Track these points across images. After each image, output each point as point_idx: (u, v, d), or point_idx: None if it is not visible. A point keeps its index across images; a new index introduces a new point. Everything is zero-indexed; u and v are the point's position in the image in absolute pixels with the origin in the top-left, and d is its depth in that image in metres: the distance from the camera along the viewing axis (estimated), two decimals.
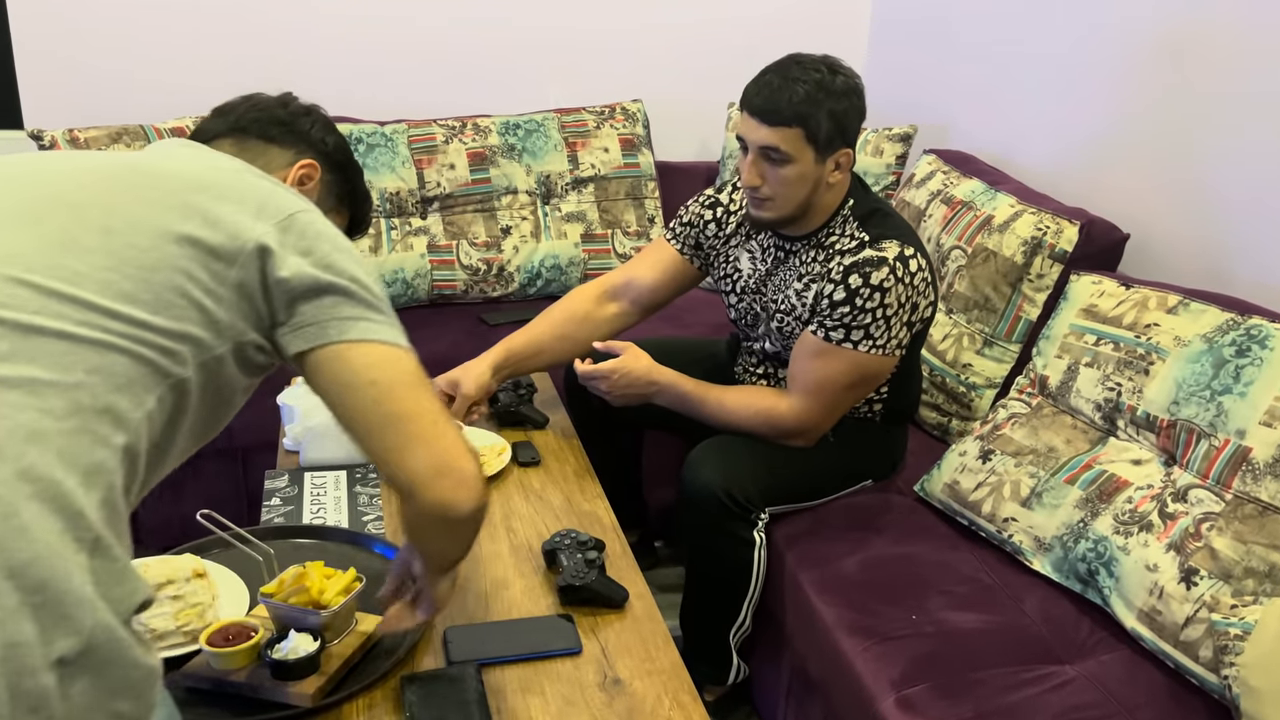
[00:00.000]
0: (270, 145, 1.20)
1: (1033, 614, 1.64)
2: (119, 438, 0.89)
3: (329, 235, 1.04)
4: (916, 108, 2.88)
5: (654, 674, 1.29)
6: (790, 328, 1.87)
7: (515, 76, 2.92)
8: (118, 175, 1.00)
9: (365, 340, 1.00)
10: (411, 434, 1.00)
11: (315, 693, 1.19)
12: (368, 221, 1.34)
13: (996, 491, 1.79)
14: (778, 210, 1.77)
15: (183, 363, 0.95)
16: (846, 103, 1.71)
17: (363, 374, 0.99)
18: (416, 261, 2.61)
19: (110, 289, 0.92)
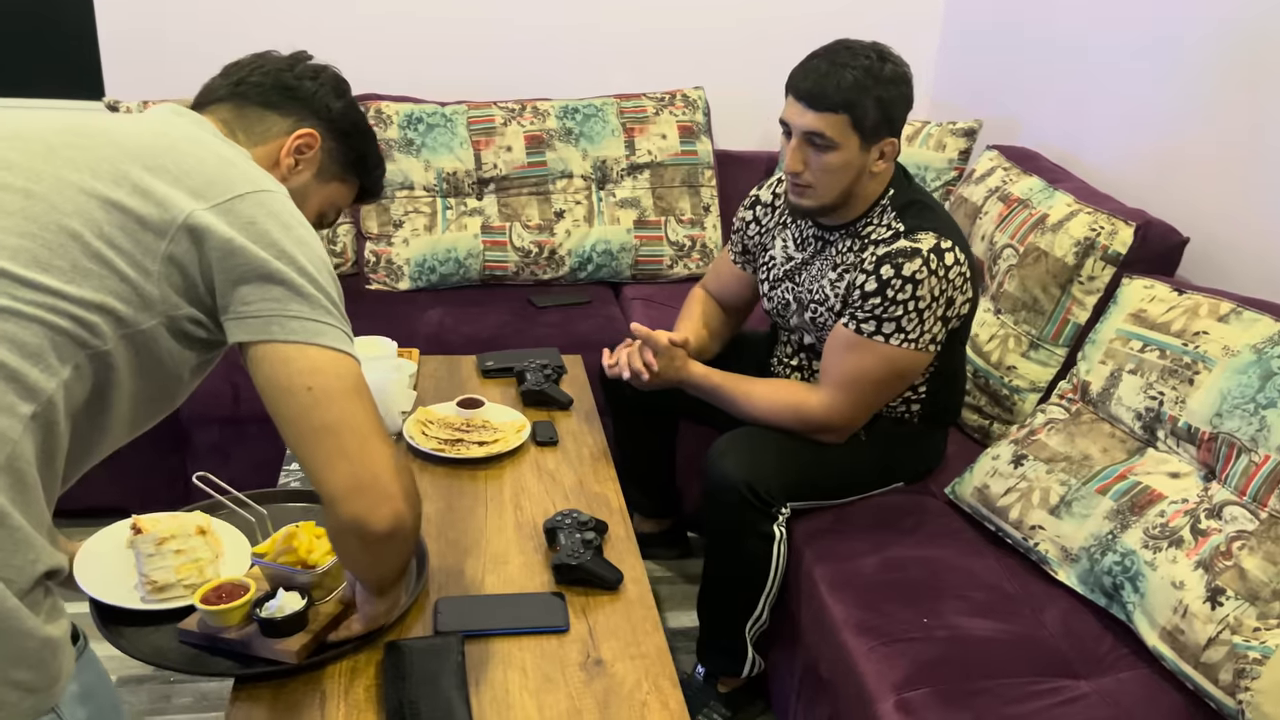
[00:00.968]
0: (269, 112, 1.15)
1: (1052, 626, 1.58)
2: (25, 406, 0.87)
3: (283, 220, 1.00)
4: (985, 102, 2.79)
5: (637, 657, 1.28)
6: (823, 318, 1.83)
7: (580, 61, 2.93)
8: (57, 138, 0.96)
9: (307, 343, 0.97)
10: (336, 448, 0.97)
11: (300, 650, 1.21)
12: (379, 189, 1.30)
13: (1025, 498, 1.73)
14: (818, 198, 1.74)
15: (101, 335, 0.92)
16: (895, 91, 1.67)
17: (299, 379, 0.96)
18: (470, 242, 2.64)
19: (23, 255, 0.89)
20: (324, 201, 1.23)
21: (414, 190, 2.64)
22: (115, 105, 2.47)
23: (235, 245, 0.96)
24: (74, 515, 1.93)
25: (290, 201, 1.04)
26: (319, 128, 1.18)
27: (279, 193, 1.03)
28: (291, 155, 1.16)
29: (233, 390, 2.26)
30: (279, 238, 0.98)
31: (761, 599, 1.79)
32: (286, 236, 0.99)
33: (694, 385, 1.86)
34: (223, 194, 0.97)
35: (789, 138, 1.72)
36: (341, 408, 0.98)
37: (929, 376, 1.85)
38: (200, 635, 1.24)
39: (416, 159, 2.63)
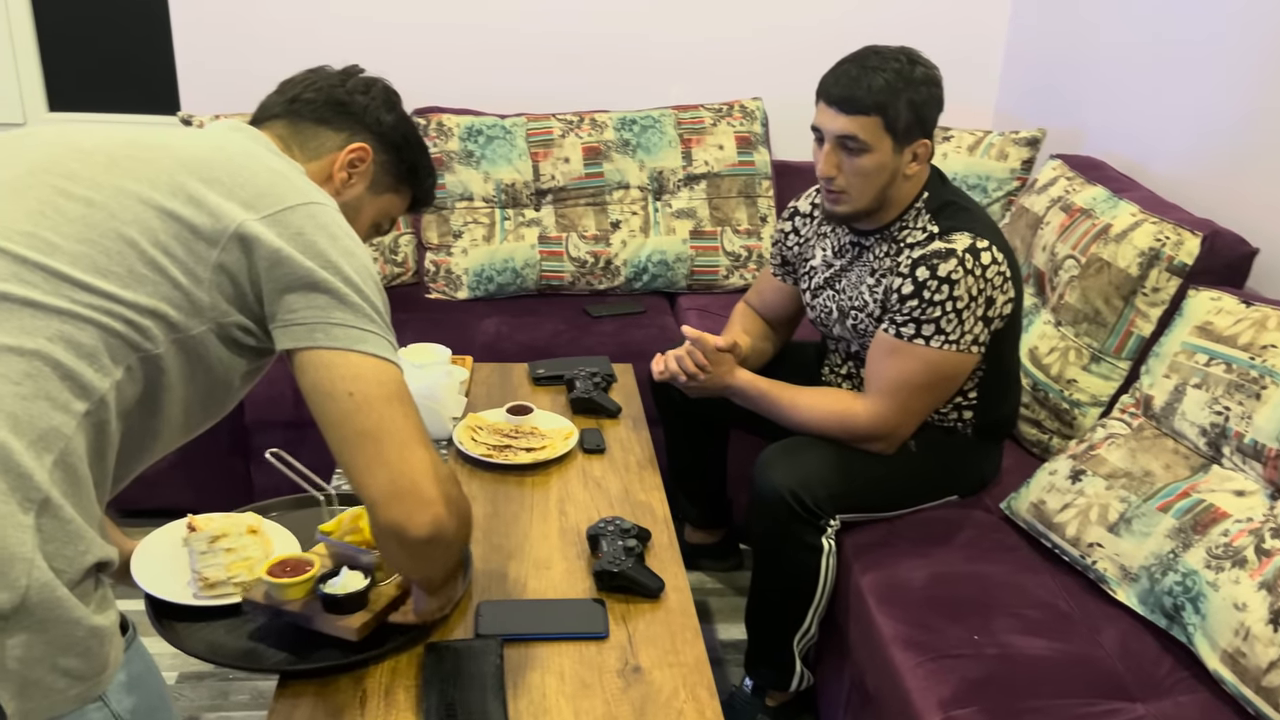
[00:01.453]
0: (322, 128, 1.19)
1: (1109, 646, 1.54)
2: (80, 404, 0.91)
3: (330, 231, 1.03)
4: (1049, 111, 2.74)
5: (676, 666, 1.28)
6: (864, 325, 1.81)
7: (639, 74, 2.95)
8: (117, 150, 1.01)
9: (350, 349, 1.00)
10: (376, 453, 0.99)
11: (361, 627, 1.24)
12: (430, 198, 1.33)
13: (1083, 514, 1.68)
14: (853, 203, 1.73)
15: (152, 338, 0.96)
16: (926, 92, 1.67)
17: (340, 384, 0.99)
18: (527, 252, 2.67)
19: (82, 260, 0.93)
20: (378, 212, 1.27)
21: (473, 201, 2.68)
22: (189, 120, 2.56)
23: (283, 255, 0.99)
24: (143, 515, 2.00)
25: (339, 214, 1.07)
26: (371, 141, 1.21)
27: (328, 205, 1.06)
28: (345, 169, 1.19)
29: (294, 395, 2.31)
30: (326, 248, 1.01)
31: (810, 612, 1.77)
32: (333, 247, 1.02)
33: (739, 392, 1.85)
34: (273, 205, 1.01)
35: (821, 144, 1.72)
36: (381, 414, 1.00)
37: (979, 383, 1.82)
38: (264, 606, 1.27)
39: (476, 170, 2.67)
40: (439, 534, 1.03)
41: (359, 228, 1.24)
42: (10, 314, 0.90)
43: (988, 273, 1.67)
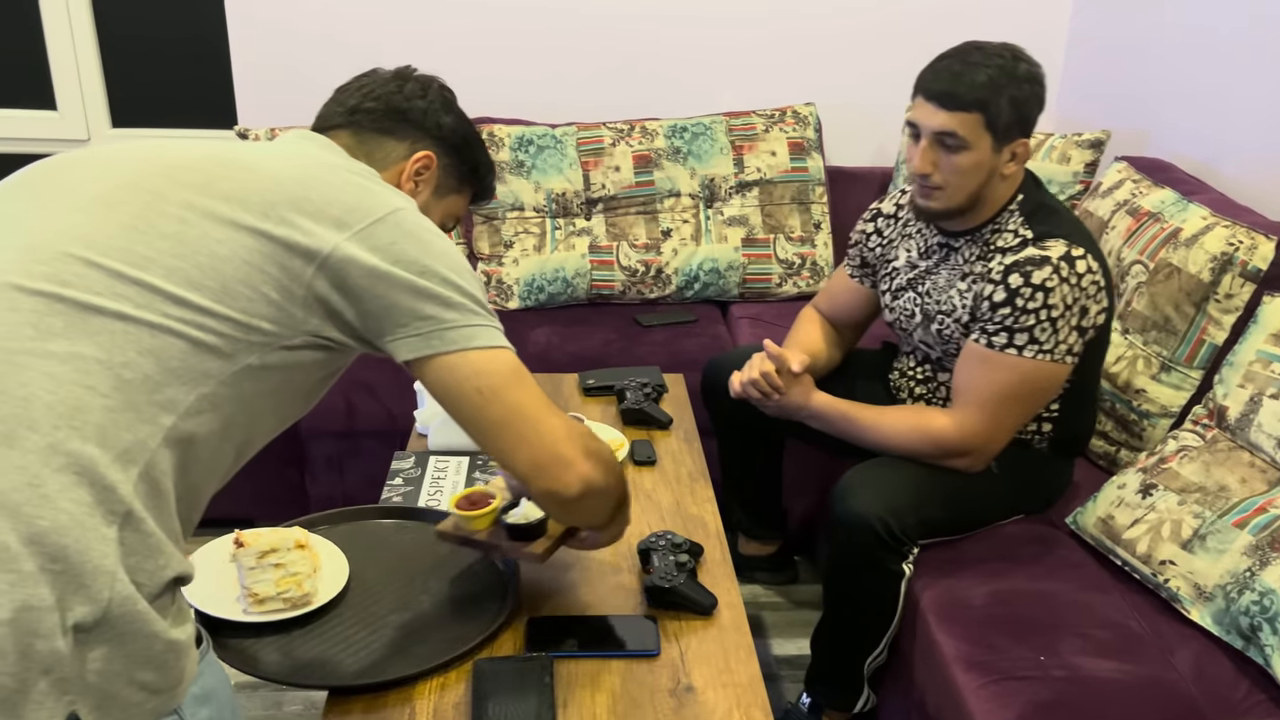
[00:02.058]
0: (385, 138, 1.19)
1: (1183, 669, 1.47)
2: (166, 418, 0.92)
3: (420, 237, 1.04)
4: (1113, 113, 2.66)
5: (729, 685, 1.24)
6: (950, 330, 1.76)
7: (690, 81, 2.93)
8: (206, 168, 1.01)
9: (466, 349, 1.04)
10: (515, 435, 1.06)
11: (543, 552, 1.33)
12: (491, 192, 1.33)
13: (1155, 531, 1.62)
14: (947, 200, 1.68)
15: (245, 352, 0.97)
16: (1029, 90, 1.62)
17: (467, 384, 1.04)
18: (577, 261, 2.66)
19: (176, 275, 0.94)
20: (443, 215, 1.27)
21: (524, 211, 2.67)
22: (245, 133, 2.59)
23: (380, 271, 1.01)
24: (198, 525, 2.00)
25: (421, 214, 1.08)
26: (433, 147, 1.22)
27: (410, 208, 1.07)
28: (411, 180, 1.20)
29: (347, 406, 2.32)
30: (419, 254, 1.03)
31: (885, 636, 1.72)
32: (426, 251, 1.04)
33: (819, 415, 1.80)
34: (362, 220, 1.02)
35: (917, 140, 1.67)
36: (508, 400, 1.05)
37: (1061, 397, 1.76)
38: (455, 536, 1.38)
39: (527, 180, 2.67)
40: (588, 488, 1.11)
41: None
42: (102, 327, 0.91)
43: (1083, 281, 1.61)
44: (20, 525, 0.83)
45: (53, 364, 0.88)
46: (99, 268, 0.93)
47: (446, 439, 1.75)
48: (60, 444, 0.86)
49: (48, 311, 0.90)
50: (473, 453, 1.77)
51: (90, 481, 0.86)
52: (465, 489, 1.46)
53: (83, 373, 0.89)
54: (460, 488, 1.67)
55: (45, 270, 0.92)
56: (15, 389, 0.86)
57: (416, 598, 1.37)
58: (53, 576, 0.83)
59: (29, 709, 0.83)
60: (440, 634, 1.30)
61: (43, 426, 0.86)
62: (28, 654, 0.82)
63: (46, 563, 0.83)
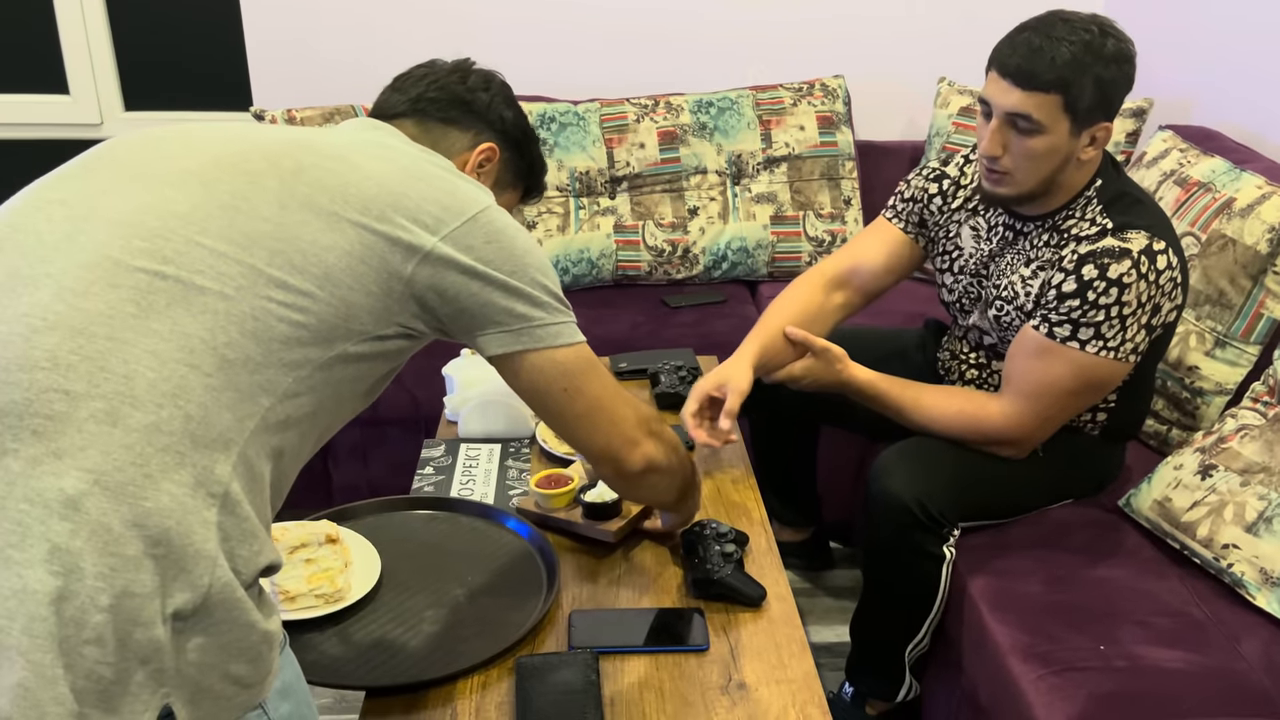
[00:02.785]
0: (450, 128, 1.19)
1: (1251, 658, 1.41)
2: (265, 399, 0.91)
3: (508, 234, 1.05)
4: (1154, 80, 2.57)
5: (783, 682, 1.19)
6: (1010, 318, 1.67)
7: (715, 54, 2.85)
8: (298, 155, 1.00)
9: (554, 347, 1.07)
10: (594, 426, 1.14)
11: (617, 530, 1.42)
12: (543, 189, 1.34)
13: (1216, 513, 1.55)
14: (1016, 186, 1.56)
15: (342, 337, 0.96)
16: (1116, 70, 1.48)
17: (555, 381, 1.09)
18: (602, 241, 2.59)
19: (279, 258, 0.93)
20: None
21: (547, 191, 2.60)
22: (261, 115, 2.53)
23: (475, 271, 1.02)
24: None
25: (503, 210, 1.08)
26: (496, 140, 1.21)
27: (493, 203, 1.07)
28: (474, 171, 1.20)
29: None
30: (508, 254, 1.05)
31: (926, 622, 1.66)
32: (514, 250, 1.05)
33: (857, 390, 1.72)
34: (455, 220, 1.02)
35: (989, 118, 1.54)
36: (589, 395, 1.11)
37: (1120, 386, 1.67)
38: (535, 514, 1.48)
39: (550, 159, 2.60)
40: (651, 465, 1.19)
41: None
42: (205, 306, 0.89)
43: (1161, 278, 1.51)
44: (124, 507, 0.81)
45: (156, 341, 0.86)
46: (201, 246, 0.91)
47: (478, 426, 1.70)
48: (164, 424, 0.84)
49: (149, 289, 0.88)
50: (504, 440, 1.71)
51: (190, 463, 0.85)
52: (547, 470, 1.54)
53: (186, 350, 0.87)
54: (493, 476, 1.62)
55: (146, 246, 0.90)
56: (118, 366, 0.84)
57: (452, 592, 1.32)
58: (155, 561, 0.81)
59: (125, 701, 0.80)
60: (479, 630, 1.25)
61: (146, 405, 0.84)
62: (126, 643, 0.80)
63: (150, 547, 0.81)
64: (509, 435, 1.71)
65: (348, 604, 1.27)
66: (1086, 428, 1.73)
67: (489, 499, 1.55)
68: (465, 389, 1.69)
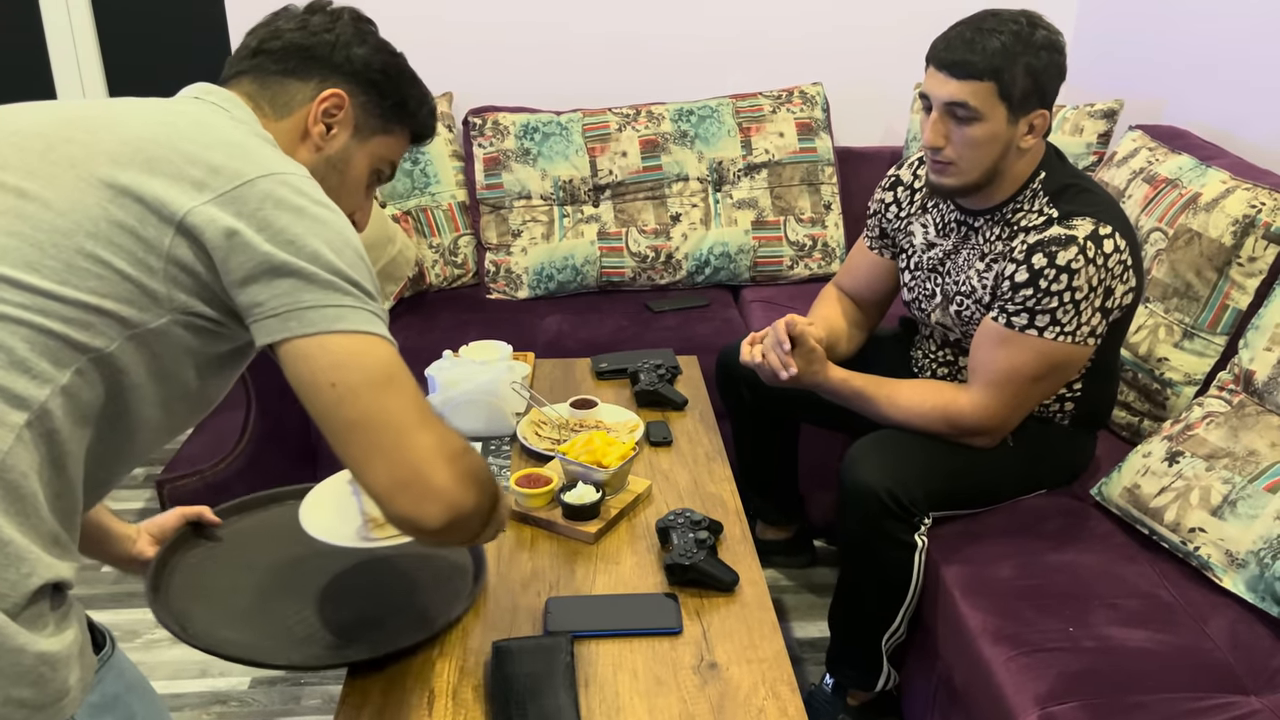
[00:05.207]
0: (289, 80, 1.05)
1: (1217, 637, 1.44)
2: (16, 415, 0.83)
3: (293, 204, 0.91)
4: (1126, 81, 2.62)
5: (754, 662, 1.22)
6: (970, 312, 1.71)
7: (694, 63, 2.90)
8: (56, 133, 0.90)
9: (326, 332, 0.89)
10: (371, 444, 0.89)
11: (596, 532, 1.44)
12: (430, 129, 1.17)
13: (1183, 498, 1.58)
14: (961, 176, 1.62)
15: (100, 336, 0.87)
16: (1046, 59, 1.55)
17: (322, 375, 0.89)
18: (586, 249, 2.63)
19: (10, 255, 0.84)
20: (372, 159, 1.12)
21: (531, 200, 2.65)
22: None
23: (238, 240, 0.88)
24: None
25: (307, 182, 0.94)
26: (344, 84, 1.07)
27: (292, 174, 0.93)
28: (319, 122, 1.06)
29: None
30: (287, 224, 0.90)
31: (900, 611, 1.69)
32: (296, 222, 0.90)
33: (832, 390, 1.75)
34: (226, 183, 0.89)
35: (929, 111, 1.60)
36: (369, 401, 0.89)
37: (1084, 373, 1.72)
38: (514, 512, 1.49)
39: (533, 168, 2.64)
40: (455, 518, 0.92)
41: (354, 180, 1.11)
42: None
43: (1109, 262, 1.56)
44: None
45: None
46: None
47: (459, 424, 1.72)
48: None
49: None
50: (485, 438, 1.75)
51: None
52: (526, 469, 1.55)
53: None
54: None
55: None
56: None
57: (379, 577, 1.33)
58: None
59: None
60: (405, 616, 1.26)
61: None
62: None
63: None
64: (490, 433, 1.74)
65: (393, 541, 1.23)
66: (1056, 417, 1.76)
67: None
68: (446, 389, 1.72)
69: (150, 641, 2.11)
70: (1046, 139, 1.67)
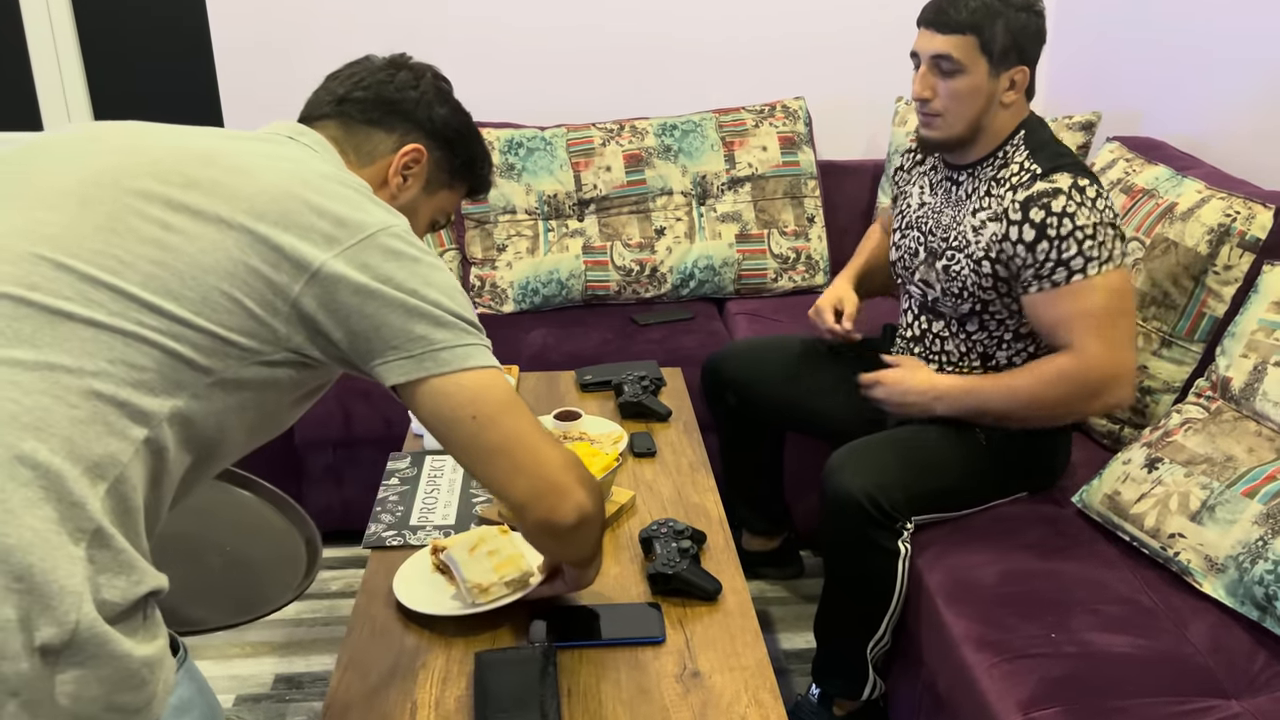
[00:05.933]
0: (374, 130, 1.14)
1: (1198, 641, 1.45)
2: (138, 430, 0.88)
3: (410, 255, 0.99)
4: (1103, 94, 2.65)
5: (736, 670, 1.22)
6: (960, 265, 1.74)
7: (678, 78, 2.92)
8: (195, 171, 0.96)
9: (459, 370, 1.00)
10: (512, 464, 1.02)
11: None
12: (488, 185, 1.28)
13: (1162, 504, 1.59)
14: (947, 128, 1.71)
15: (222, 364, 0.93)
16: (1024, 17, 1.66)
17: (461, 409, 1.00)
18: (571, 263, 2.64)
19: (153, 282, 0.90)
20: (434, 211, 1.22)
21: (516, 214, 2.66)
22: None
23: (369, 290, 0.96)
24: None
25: (411, 231, 1.03)
26: (424, 140, 1.16)
27: (400, 225, 1.02)
28: (399, 174, 1.15)
29: (344, 414, 2.31)
30: (409, 275, 0.98)
31: (885, 619, 1.70)
32: (416, 271, 0.99)
33: (950, 398, 1.72)
34: (351, 237, 0.97)
35: (918, 68, 1.71)
36: (505, 427, 1.01)
37: None
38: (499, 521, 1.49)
39: (518, 183, 2.65)
40: (583, 518, 1.07)
41: (417, 229, 1.20)
42: (72, 333, 0.86)
43: (1096, 203, 1.63)
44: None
45: (19, 372, 0.84)
46: (70, 271, 0.88)
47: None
48: (26, 456, 0.82)
49: (14, 316, 0.85)
50: None
51: (56, 497, 0.82)
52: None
53: (51, 382, 0.84)
54: (457, 486, 1.65)
55: (12, 272, 0.87)
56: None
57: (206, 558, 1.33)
58: (17, 596, 0.79)
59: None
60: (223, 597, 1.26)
61: (6, 438, 0.82)
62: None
63: (11, 581, 0.79)
64: None
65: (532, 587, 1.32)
66: None
67: (452, 508, 1.58)
68: None
69: None
70: (1030, 100, 1.75)
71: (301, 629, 2.18)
